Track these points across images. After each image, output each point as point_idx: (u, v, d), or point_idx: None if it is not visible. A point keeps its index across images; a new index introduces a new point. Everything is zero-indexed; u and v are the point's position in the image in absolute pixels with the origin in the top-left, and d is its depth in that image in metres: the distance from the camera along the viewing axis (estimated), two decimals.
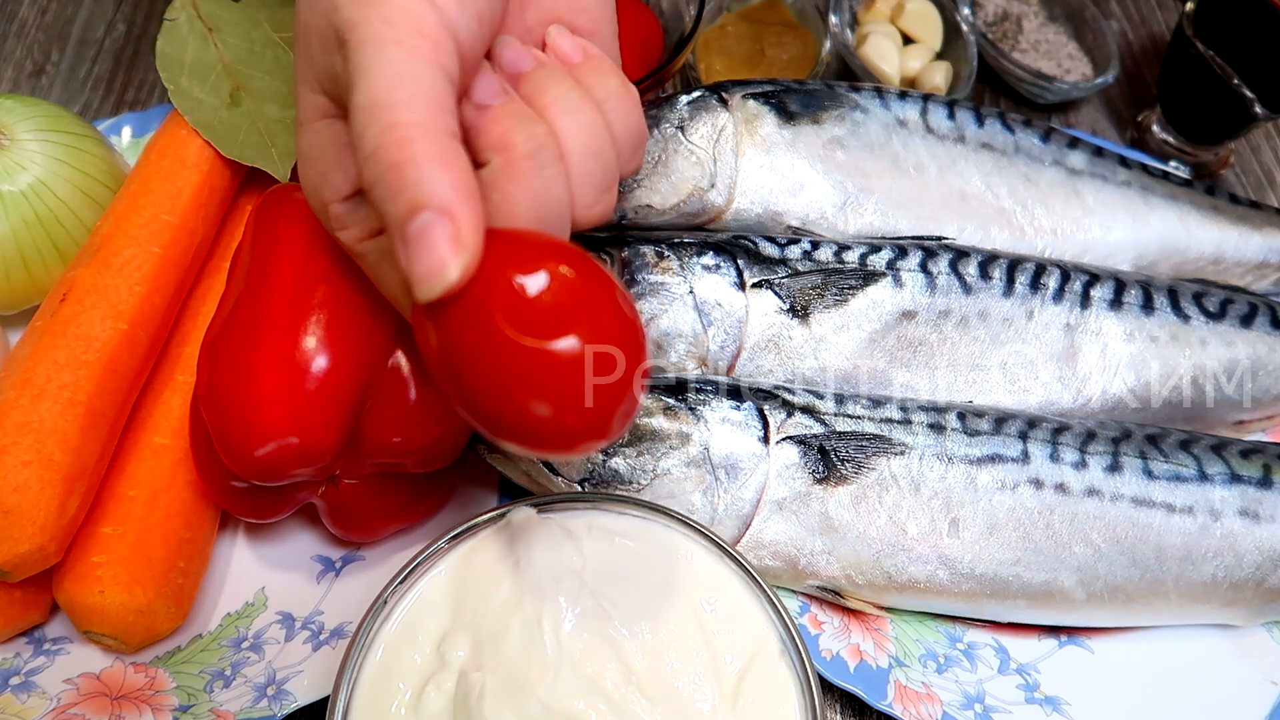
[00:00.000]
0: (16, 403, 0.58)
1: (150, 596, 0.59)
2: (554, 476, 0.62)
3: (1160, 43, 1.04)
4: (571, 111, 0.48)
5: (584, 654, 0.48)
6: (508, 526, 0.53)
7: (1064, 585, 0.63)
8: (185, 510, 0.62)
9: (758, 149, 0.74)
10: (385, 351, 0.57)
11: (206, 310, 0.69)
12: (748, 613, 0.52)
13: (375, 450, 0.58)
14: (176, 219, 0.68)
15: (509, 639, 0.48)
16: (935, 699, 0.62)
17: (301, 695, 0.59)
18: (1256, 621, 0.67)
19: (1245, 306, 0.73)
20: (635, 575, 0.52)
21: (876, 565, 0.62)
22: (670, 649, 0.50)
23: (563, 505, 0.55)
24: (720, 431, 0.62)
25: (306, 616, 0.63)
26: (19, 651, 0.61)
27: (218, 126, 0.72)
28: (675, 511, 0.55)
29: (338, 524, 0.63)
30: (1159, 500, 0.64)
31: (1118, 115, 0.98)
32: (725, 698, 0.49)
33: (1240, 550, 0.64)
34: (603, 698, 0.47)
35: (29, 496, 0.56)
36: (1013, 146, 0.78)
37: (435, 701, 0.48)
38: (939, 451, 0.63)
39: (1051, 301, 0.70)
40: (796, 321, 0.68)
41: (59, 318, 0.62)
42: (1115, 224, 0.78)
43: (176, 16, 0.77)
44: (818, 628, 0.63)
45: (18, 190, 0.68)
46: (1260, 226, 0.80)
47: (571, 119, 0.48)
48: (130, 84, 0.93)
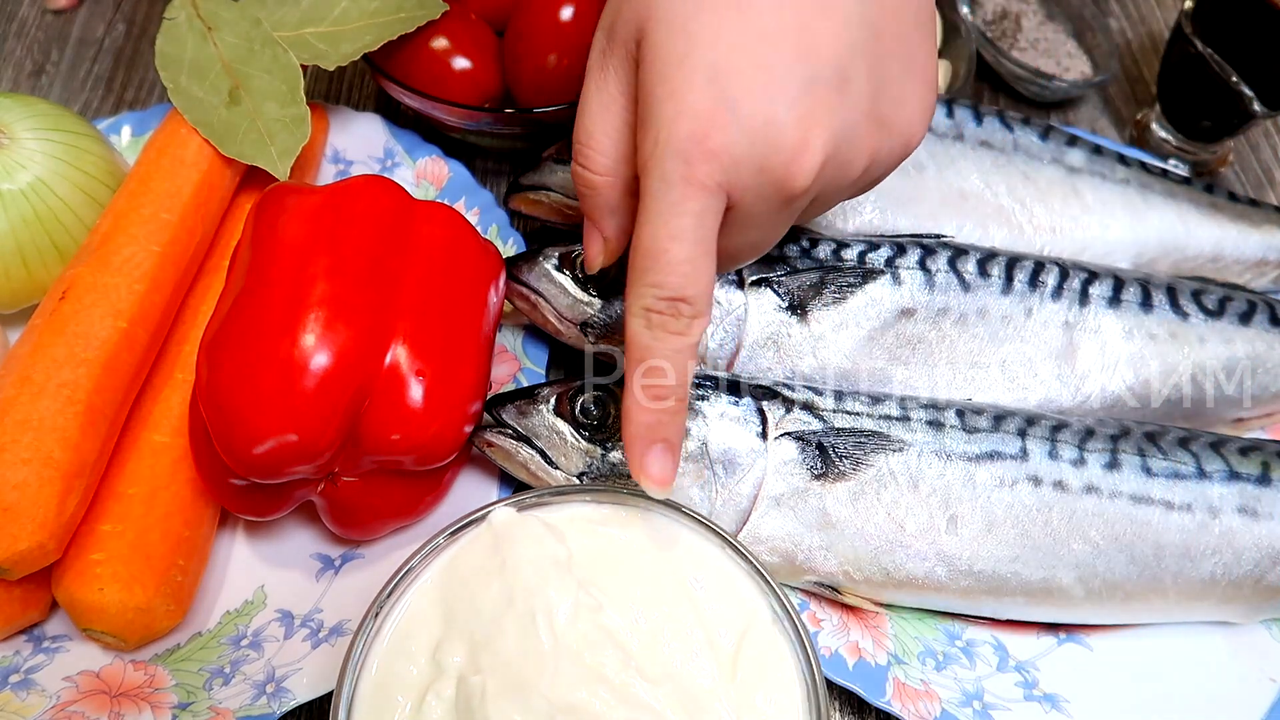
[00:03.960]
0: (16, 400, 0.59)
1: (149, 594, 0.59)
2: (553, 470, 0.62)
3: (1159, 41, 1.04)
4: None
5: (581, 645, 0.49)
6: (490, 528, 0.53)
7: (1063, 582, 0.63)
8: (184, 508, 0.62)
9: None
10: (384, 349, 0.57)
11: (206, 308, 0.69)
12: (737, 585, 0.53)
13: (374, 448, 0.58)
14: (176, 217, 0.68)
15: (504, 639, 0.49)
16: (934, 696, 0.62)
17: (300, 693, 0.59)
18: (1255, 619, 0.67)
19: (1244, 304, 0.73)
20: (622, 562, 0.53)
21: (874, 561, 0.62)
22: (665, 630, 0.51)
23: (541, 501, 0.55)
24: (719, 426, 0.62)
25: (306, 614, 0.63)
26: (18, 649, 0.61)
27: (217, 125, 0.72)
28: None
29: (337, 522, 0.63)
30: (1158, 497, 0.64)
31: (1116, 113, 0.98)
32: (725, 670, 0.50)
33: (1239, 547, 0.64)
34: (605, 685, 0.48)
35: (28, 494, 0.56)
36: (1011, 144, 0.78)
37: (436, 710, 0.48)
38: (938, 448, 0.63)
39: (1050, 299, 0.70)
40: (795, 319, 0.68)
41: (58, 316, 0.62)
42: (1114, 222, 0.78)
43: (176, 15, 0.77)
44: (816, 625, 0.63)
45: (17, 189, 0.68)
46: (1259, 224, 0.80)
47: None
48: (130, 83, 0.93)
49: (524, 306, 0.71)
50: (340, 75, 0.94)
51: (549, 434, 0.62)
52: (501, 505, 0.54)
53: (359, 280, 0.58)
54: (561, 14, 0.76)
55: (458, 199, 0.80)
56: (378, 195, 0.61)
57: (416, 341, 0.58)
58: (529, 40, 0.78)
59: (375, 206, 0.61)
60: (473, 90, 0.81)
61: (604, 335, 0.69)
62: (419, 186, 0.82)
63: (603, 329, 0.68)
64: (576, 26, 0.76)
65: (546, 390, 0.64)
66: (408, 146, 0.83)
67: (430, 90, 0.78)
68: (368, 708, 0.49)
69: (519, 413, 0.63)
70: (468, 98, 0.80)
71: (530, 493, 0.55)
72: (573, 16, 0.76)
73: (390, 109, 0.90)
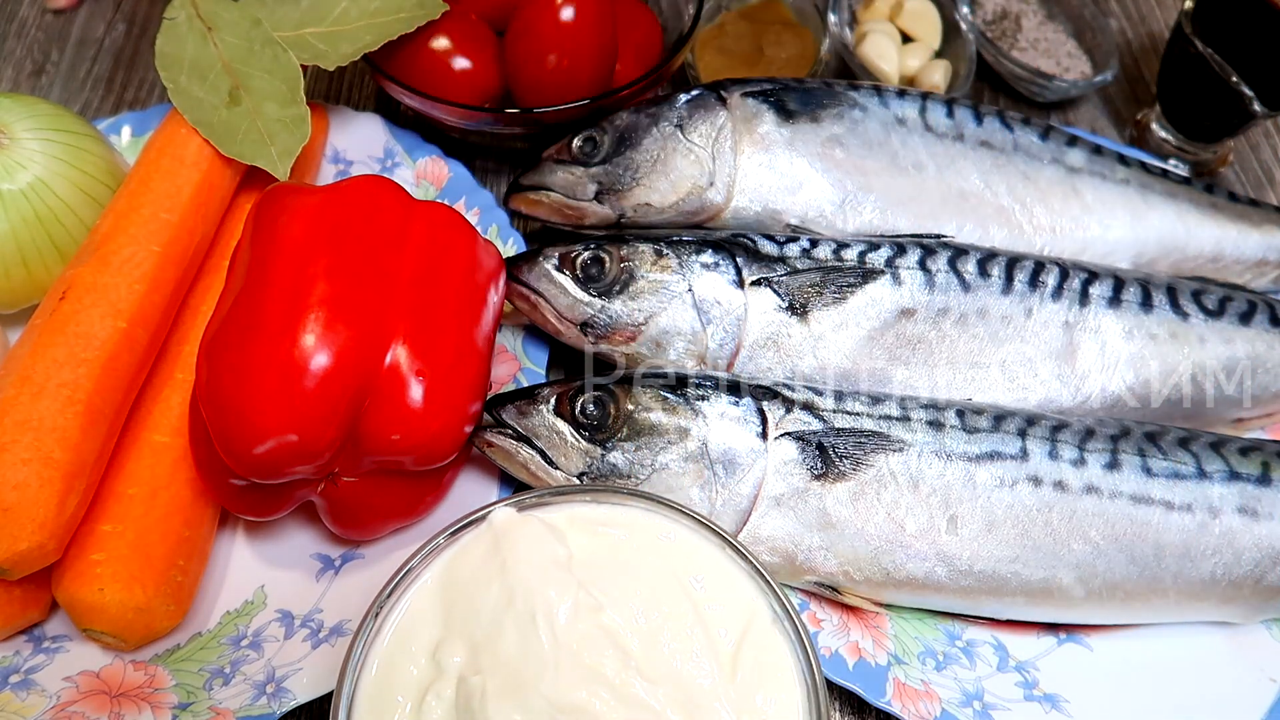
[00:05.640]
0: (16, 400, 0.59)
1: (149, 594, 0.59)
2: (553, 470, 0.62)
3: (1159, 41, 1.04)
4: None
5: (581, 645, 0.49)
6: (490, 528, 0.53)
7: (1063, 582, 0.63)
8: (185, 508, 0.62)
9: (756, 147, 0.74)
10: (384, 349, 0.57)
11: (206, 308, 0.69)
12: (736, 585, 0.53)
13: (374, 448, 0.58)
14: (176, 217, 0.68)
15: (504, 639, 0.49)
16: (934, 696, 0.62)
17: (300, 693, 0.59)
18: (1255, 619, 0.67)
19: (1244, 304, 0.73)
20: (622, 562, 0.53)
21: (874, 562, 0.62)
22: (665, 629, 0.51)
23: (541, 501, 0.55)
24: (719, 426, 0.62)
25: (306, 614, 0.63)
26: (18, 649, 0.62)
27: (217, 125, 0.72)
28: (653, 495, 0.55)
29: (337, 522, 0.63)
30: (1158, 498, 0.64)
31: (1117, 113, 0.98)
32: (724, 670, 0.50)
33: (1239, 548, 0.64)
34: (604, 685, 0.48)
35: (28, 494, 0.56)
36: (1011, 144, 0.78)
37: (436, 710, 0.48)
38: (938, 448, 0.63)
39: (1050, 299, 0.70)
40: (795, 319, 0.68)
41: (58, 316, 0.62)
42: (1114, 222, 0.78)
43: (176, 15, 0.77)
44: (816, 625, 0.63)
45: (17, 189, 0.68)
46: (1259, 224, 0.80)
47: None
48: (130, 83, 0.93)
49: (524, 306, 0.71)
50: (340, 75, 0.94)
51: (549, 434, 0.62)
52: (501, 505, 0.54)
53: (359, 280, 0.58)
54: (561, 14, 0.76)
55: (458, 199, 0.80)
56: (378, 195, 0.61)
57: (417, 342, 0.58)
58: (529, 40, 0.78)
59: (375, 206, 0.61)
60: (473, 90, 0.81)
61: (604, 335, 0.69)
62: (419, 186, 0.82)
63: (603, 329, 0.68)
64: (576, 26, 0.76)
65: (546, 390, 0.64)
66: (408, 146, 0.83)
67: (430, 90, 0.78)
68: (368, 708, 0.49)
69: (519, 413, 0.63)
70: (468, 98, 0.80)
71: (530, 493, 0.55)
72: (573, 16, 0.76)
73: (390, 109, 0.90)
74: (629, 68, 0.83)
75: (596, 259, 0.69)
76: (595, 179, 0.75)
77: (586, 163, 0.75)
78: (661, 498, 0.55)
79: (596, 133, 0.76)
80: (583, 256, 0.69)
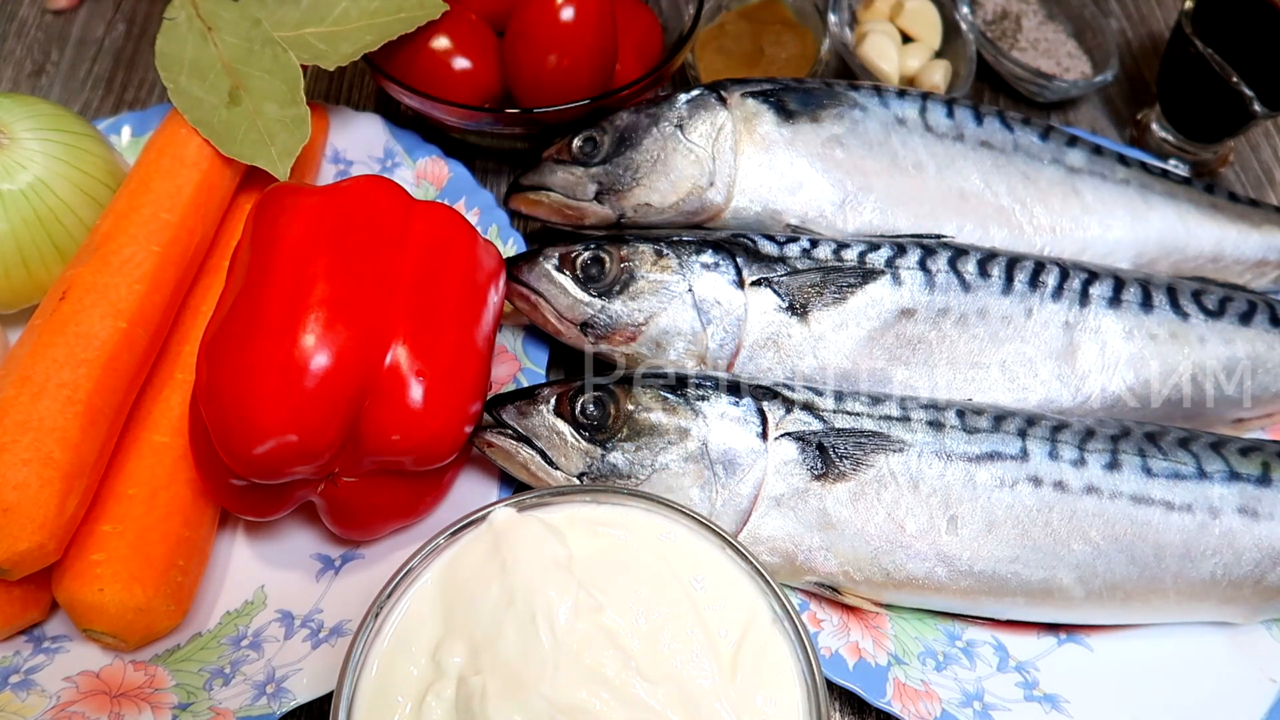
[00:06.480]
0: (16, 400, 0.58)
1: (149, 594, 0.59)
2: (553, 471, 0.62)
3: (1159, 41, 1.04)
4: None
5: (581, 645, 0.49)
6: (490, 528, 0.53)
7: (1063, 583, 0.63)
8: (185, 508, 0.62)
9: (756, 147, 0.74)
10: (384, 349, 0.57)
11: (206, 308, 0.69)
12: (736, 586, 0.53)
13: (374, 448, 0.58)
14: (176, 217, 0.68)
15: (504, 639, 0.49)
16: (934, 697, 0.62)
17: (301, 693, 0.59)
18: (1255, 619, 0.67)
19: (1244, 304, 0.73)
20: (622, 562, 0.53)
21: (874, 562, 0.62)
22: (665, 630, 0.51)
23: (541, 501, 0.55)
24: (719, 427, 0.62)
25: (306, 615, 0.63)
26: (18, 649, 0.61)
27: (217, 125, 0.72)
28: (653, 495, 0.55)
29: (337, 522, 0.63)
30: (1158, 498, 0.64)
31: (1117, 113, 0.98)
32: (724, 671, 0.50)
33: (1239, 548, 0.64)
34: (604, 685, 0.48)
35: (28, 494, 0.56)
36: (1011, 145, 0.78)
37: (436, 710, 0.48)
38: (938, 449, 0.63)
39: (1050, 299, 0.70)
40: (795, 320, 0.68)
41: (58, 316, 0.62)
42: (1114, 222, 0.78)
43: (176, 15, 0.77)
44: (816, 625, 0.63)
45: (17, 189, 0.68)
46: (1259, 224, 0.80)
47: None
48: (130, 83, 0.93)
49: (524, 306, 0.71)
50: (340, 75, 0.94)
51: (549, 434, 0.62)
52: (501, 505, 0.54)
53: (359, 280, 0.58)
54: (562, 14, 0.76)
55: (458, 199, 0.80)
56: (378, 195, 0.61)
57: (417, 342, 0.58)
58: (529, 40, 0.78)
59: (375, 206, 0.61)
60: (473, 90, 0.81)
61: (604, 335, 0.69)
62: (419, 186, 0.82)
63: (603, 329, 0.68)
64: (576, 26, 0.76)
65: (546, 390, 0.64)
66: (408, 146, 0.83)
67: (430, 90, 0.78)
68: (368, 708, 0.49)
69: (519, 413, 0.63)
70: (468, 98, 0.80)
71: (530, 493, 0.55)
72: (573, 16, 0.76)
73: (390, 109, 0.90)
74: (629, 68, 0.83)
75: (596, 259, 0.69)
76: (595, 179, 0.75)
77: (586, 163, 0.75)
78: (662, 498, 0.55)
79: (596, 133, 0.76)
80: (583, 256, 0.69)
